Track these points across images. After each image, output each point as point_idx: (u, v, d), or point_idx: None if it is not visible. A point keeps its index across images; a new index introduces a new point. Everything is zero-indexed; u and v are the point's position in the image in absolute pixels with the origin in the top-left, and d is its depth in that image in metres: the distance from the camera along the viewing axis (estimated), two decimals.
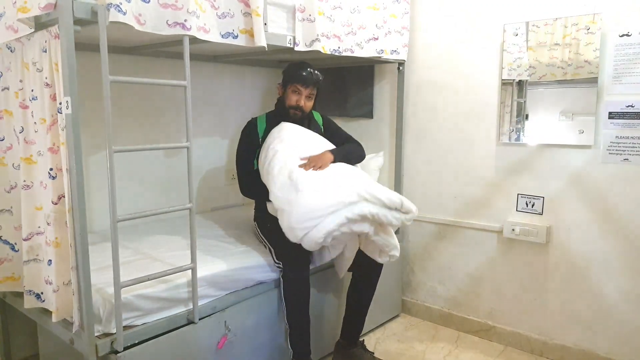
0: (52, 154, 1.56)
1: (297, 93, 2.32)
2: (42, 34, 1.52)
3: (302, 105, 2.32)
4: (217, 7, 1.79)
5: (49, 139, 1.56)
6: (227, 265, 2.02)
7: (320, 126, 2.50)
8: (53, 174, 1.57)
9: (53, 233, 1.59)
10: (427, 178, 2.88)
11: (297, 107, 2.32)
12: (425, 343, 2.67)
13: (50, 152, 1.56)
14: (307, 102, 2.34)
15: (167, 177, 2.71)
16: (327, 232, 1.85)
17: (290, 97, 2.33)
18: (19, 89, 1.68)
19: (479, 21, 2.60)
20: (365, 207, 1.91)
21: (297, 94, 2.32)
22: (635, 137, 2.17)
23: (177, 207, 1.82)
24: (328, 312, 2.44)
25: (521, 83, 2.50)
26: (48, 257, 1.62)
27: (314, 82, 2.32)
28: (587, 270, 2.36)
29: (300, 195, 1.90)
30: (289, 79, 2.33)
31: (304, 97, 2.32)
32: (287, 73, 2.35)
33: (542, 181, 2.46)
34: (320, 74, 2.34)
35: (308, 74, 2.30)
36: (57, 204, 1.58)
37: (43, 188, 1.62)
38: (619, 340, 2.30)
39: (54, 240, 1.59)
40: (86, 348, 1.56)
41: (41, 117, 1.58)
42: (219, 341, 1.92)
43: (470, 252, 2.74)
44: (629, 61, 2.16)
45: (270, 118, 2.41)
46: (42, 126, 1.59)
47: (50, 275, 1.63)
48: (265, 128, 2.37)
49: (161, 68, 2.61)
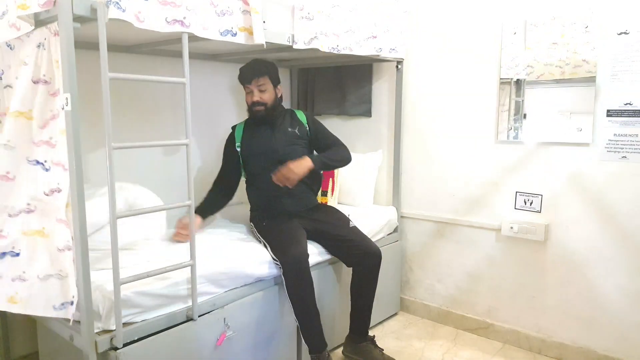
0: (50, 148, 1.57)
1: (248, 91, 2.36)
2: (41, 31, 1.52)
3: (257, 99, 2.32)
4: (216, 5, 1.79)
5: (44, 133, 1.57)
6: (227, 262, 2.02)
7: (305, 125, 2.49)
8: (47, 166, 1.58)
9: (40, 224, 1.60)
10: (426, 176, 2.89)
11: (254, 104, 2.34)
12: (423, 341, 2.68)
13: (48, 145, 1.57)
14: (263, 94, 2.34)
15: (166, 176, 2.71)
16: None
17: (247, 98, 2.38)
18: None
19: (477, 20, 2.60)
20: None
21: (249, 92, 2.36)
22: (633, 135, 2.17)
23: (176, 204, 1.83)
24: (331, 306, 2.45)
25: (519, 82, 2.50)
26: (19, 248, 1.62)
27: (255, 73, 2.31)
28: (586, 267, 2.37)
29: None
30: (241, 83, 2.38)
31: (256, 91, 2.33)
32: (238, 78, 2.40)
33: (540, 179, 2.46)
34: (264, 61, 2.36)
35: (247, 68, 2.33)
36: (49, 195, 1.58)
37: (8, 179, 1.62)
38: (617, 337, 2.31)
39: (41, 229, 1.60)
40: (86, 345, 1.56)
41: (18, 110, 1.58)
42: (218, 338, 1.93)
43: (469, 250, 2.75)
44: (627, 59, 2.17)
45: (247, 123, 2.48)
46: (16, 118, 1.58)
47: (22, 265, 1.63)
48: (242, 135, 2.44)
49: (160, 67, 2.61)
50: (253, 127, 2.44)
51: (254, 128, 2.44)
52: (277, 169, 2.25)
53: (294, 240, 2.17)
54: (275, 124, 2.42)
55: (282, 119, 2.44)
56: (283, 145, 2.38)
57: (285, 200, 2.36)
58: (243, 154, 2.43)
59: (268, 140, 2.39)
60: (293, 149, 2.39)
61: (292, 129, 2.44)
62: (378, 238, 2.77)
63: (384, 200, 3.09)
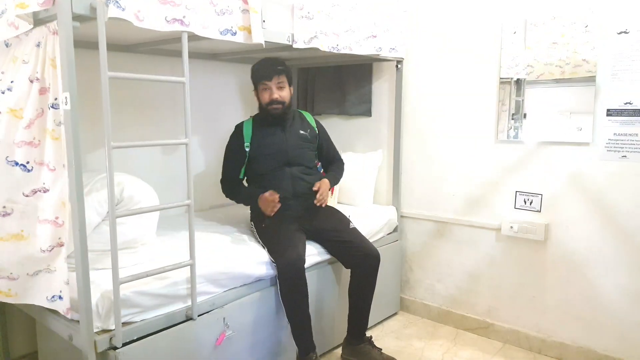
0: (32, 148, 1.56)
1: (266, 88, 2.31)
2: (40, 29, 1.52)
3: (276, 97, 2.30)
4: (215, 4, 1.79)
5: (27, 132, 1.56)
6: (226, 262, 2.02)
7: (314, 128, 2.50)
8: (29, 167, 1.57)
9: (17, 226, 1.59)
10: (426, 176, 2.88)
11: (273, 102, 2.30)
12: (423, 340, 2.67)
13: (31, 145, 1.56)
14: (281, 92, 2.31)
15: (165, 176, 2.70)
16: None
17: (263, 96, 2.33)
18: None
19: (477, 19, 2.60)
20: None
21: (267, 90, 2.31)
22: (633, 134, 2.17)
23: (175, 203, 1.83)
24: (330, 306, 2.45)
25: (519, 81, 2.50)
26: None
27: (277, 71, 2.30)
28: (586, 267, 2.37)
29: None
30: (255, 80, 2.35)
31: (275, 89, 2.30)
32: (252, 76, 2.37)
33: (540, 179, 2.46)
34: (282, 60, 2.34)
35: (266, 66, 2.31)
36: (29, 196, 1.58)
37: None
38: (617, 337, 2.31)
39: (19, 233, 1.60)
40: (85, 344, 1.56)
41: (12, 107, 1.58)
42: (218, 338, 1.93)
43: (469, 249, 2.75)
44: (627, 58, 2.16)
45: (256, 121, 2.43)
46: (7, 116, 1.58)
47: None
48: (251, 133, 2.38)
49: (160, 66, 2.61)
50: (263, 126, 2.38)
51: (264, 127, 2.38)
52: (283, 169, 2.33)
53: (292, 244, 2.17)
54: (285, 125, 2.40)
55: (292, 120, 2.43)
56: (293, 147, 2.38)
57: (290, 202, 2.35)
58: (252, 153, 2.37)
59: (279, 141, 2.37)
60: (302, 152, 2.41)
61: (303, 131, 2.43)
62: (378, 238, 2.76)
63: (383, 199, 3.08)
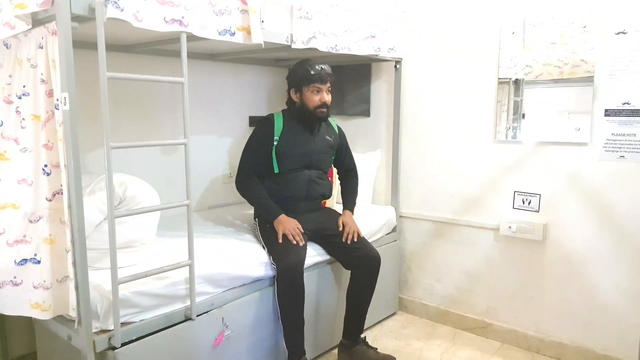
0: (48, 151, 1.56)
1: (318, 92, 2.30)
2: (39, 30, 1.52)
3: (326, 101, 2.32)
4: (214, 5, 1.79)
5: (44, 135, 1.56)
6: (225, 262, 2.02)
7: (338, 136, 2.51)
8: (48, 170, 1.57)
9: (47, 230, 1.59)
10: (424, 176, 2.89)
11: (323, 105, 2.31)
12: (422, 340, 2.68)
13: (46, 148, 1.56)
14: (329, 96, 2.35)
15: (164, 176, 2.71)
16: None
17: (312, 98, 2.30)
18: (7, 84, 1.67)
19: (475, 20, 2.61)
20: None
21: (318, 93, 2.30)
22: (631, 134, 2.18)
23: (174, 203, 1.83)
24: (326, 309, 2.44)
25: (518, 82, 2.51)
26: (40, 256, 1.62)
27: (330, 75, 2.32)
28: (584, 267, 2.37)
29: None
30: (303, 81, 2.29)
31: (325, 92, 2.32)
32: (298, 75, 2.31)
33: (538, 179, 2.47)
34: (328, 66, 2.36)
35: (321, 69, 2.30)
36: (51, 200, 1.58)
37: (28, 185, 1.61)
38: (615, 336, 2.31)
39: (48, 237, 1.59)
40: (84, 344, 1.56)
41: (33, 113, 1.58)
42: (217, 338, 1.93)
43: (467, 249, 2.75)
44: (625, 59, 2.17)
45: (287, 118, 2.37)
46: (32, 122, 1.58)
47: (43, 273, 1.62)
48: (282, 127, 2.34)
49: (159, 67, 2.61)
50: (294, 125, 2.36)
51: (294, 127, 2.36)
52: (303, 171, 2.35)
53: (294, 247, 2.17)
54: (314, 128, 2.40)
55: (319, 125, 2.43)
56: (318, 152, 2.40)
57: (301, 203, 2.36)
58: (278, 149, 2.32)
59: (307, 143, 2.37)
60: (324, 157, 2.43)
61: (328, 137, 2.45)
62: (377, 238, 2.77)
63: (382, 200, 3.09)
